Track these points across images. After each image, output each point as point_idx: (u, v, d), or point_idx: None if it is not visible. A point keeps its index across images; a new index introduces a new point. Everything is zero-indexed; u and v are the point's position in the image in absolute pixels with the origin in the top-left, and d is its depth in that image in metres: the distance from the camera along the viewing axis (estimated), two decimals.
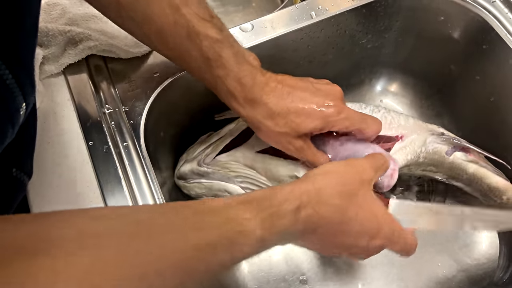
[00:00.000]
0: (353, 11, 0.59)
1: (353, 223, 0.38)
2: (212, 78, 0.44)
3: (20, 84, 0.33)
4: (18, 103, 0.33)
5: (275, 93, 0.44)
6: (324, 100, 0.45)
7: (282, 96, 0.44)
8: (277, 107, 0.44)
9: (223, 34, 0.44)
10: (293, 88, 0.45)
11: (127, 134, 0.49)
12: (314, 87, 0.46)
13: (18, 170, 0.41)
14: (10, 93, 0.32)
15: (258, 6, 0.82)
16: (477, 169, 0.57)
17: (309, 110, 0.44)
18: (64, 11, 0.54)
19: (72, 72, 0.52)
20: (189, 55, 0.44)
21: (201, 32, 0.43)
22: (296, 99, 0.44)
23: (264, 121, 0.44)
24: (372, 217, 0.40)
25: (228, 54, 0.43)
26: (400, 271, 0.60)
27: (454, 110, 0.68)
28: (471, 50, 0.61)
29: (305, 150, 0.46)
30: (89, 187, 0.46)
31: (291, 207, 0.35)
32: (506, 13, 0.57)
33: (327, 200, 0.37)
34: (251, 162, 0.53)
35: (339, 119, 0.45)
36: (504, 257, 0.58)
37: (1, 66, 0.31)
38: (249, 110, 0.45)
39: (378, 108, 0.57)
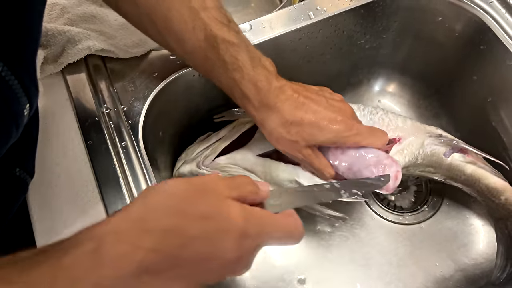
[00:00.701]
0: (351, 12, 0.59)
1: (196, 241, 0.29)
2: (227, 81, 0.45)
3: (23, 85, 0.33)
4: (22, 104, 0.34)
5: (290, 102, 0.45)
6: (337, 116, 0.45)
7: (296, 106, 0.45)
8: (291, 116, 0.44)
9: (240, 38, 0.45)
10: (307, 99, 0.45)
11: (125, 134, 0.50)
12: (328, 102, 0.47)
13: (21, 170, 0.41)
14: (14, 94, 0.33)
15: (257, 6, 0.83)
16: (475, 170, 0.57)
17: (321, 124, 0.45)
18: (63, 11, 0.54)
19: (71, 71, 0.52)
20: (206, 58, 0.45)
21: (218, 36, 0.44)
22: (310, 111, 0.45)
23: (277, 127, 0.45)
24: (221, 225, 0.30)
25: (244, 57, 0.44)
26: (398, 271, 0.60)
27: (452, 111, 0.69)
28: (469, 50, 0.62)
29: (313, 158, 0.47)
30: (87, 186, 0.46)
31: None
32: (504, 13, 0.58)
33: (153, 226, 0.28)
34: (251, 165, 0.53)
35: (350, 134, 0.46)
36: (502, 256, 0.58)
37: (3, 68, 0.31)
38: (263, 114, 0.45)
39: (376, 110, 0.57)
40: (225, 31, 0.44)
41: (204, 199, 0.30)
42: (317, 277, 0.60)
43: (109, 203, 0.45)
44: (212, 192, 0.31)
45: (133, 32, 0.56)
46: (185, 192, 0.31)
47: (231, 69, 0.44)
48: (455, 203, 0.65)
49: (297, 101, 0.45)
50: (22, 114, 0.34)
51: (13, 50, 0.32)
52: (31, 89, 0.34)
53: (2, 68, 0.31)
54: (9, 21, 0.30)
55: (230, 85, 0.45)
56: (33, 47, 0.35)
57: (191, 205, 0.30)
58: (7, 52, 0.31)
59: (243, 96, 0.45)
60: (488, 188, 0.57)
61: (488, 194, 0.58)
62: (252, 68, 0.44)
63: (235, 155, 0.53)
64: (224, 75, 0.45)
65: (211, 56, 0.44)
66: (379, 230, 0.63)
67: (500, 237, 0.60)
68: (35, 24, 0.35)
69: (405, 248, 0.62)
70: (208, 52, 0.44)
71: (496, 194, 0.57)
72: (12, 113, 0.33)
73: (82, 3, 0.55)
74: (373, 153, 0.49)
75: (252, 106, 0.45)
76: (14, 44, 0.32)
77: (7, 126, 0.33)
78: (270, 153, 0.53)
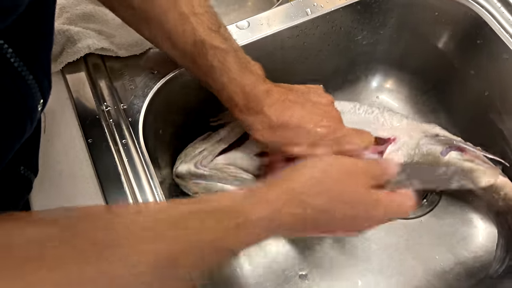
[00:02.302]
0: (348, 8, 0.60)
1: (337, 218, 0.39)
2: (215, 84, 0.46)
3: (38, 81, 0.34)
4: (36, 99, 0.35)
5: (276, 106, 0.46)
6: (322, 119, 0.46)
7: (282, 110, 0.46)
8: (277, 119, 0.45)
9: (228, 43, 0.46)
10: (293, 103, 0.46)
11: (126, 131, 0.50)
12: (314, 106, 0.48)
13: (25, 168, 0.42)
14: (29, 90, 0.33)
15: (254, 4, 0.83)
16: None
17: (307, 127, 0.46)
18: (62, 11, 0.54)
19: (70, 71, 0.53)
20: (195, 61, 0.46)
21: (206, 41, 0.45)
22: (295, 115, 0.46)
23: (263, 130, 0.46)
24: (363, 209, 0.40)
25: (232, 63, 0.45)
26: (399, 265, 0.60)
27: (450, 105, 0.69)
28: (466, 45, 0.62)
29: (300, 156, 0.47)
30: (89, 184, 0.46)
31: (258, 216, 0.35)
32: (499, 7, 0.58)
33: (305, 200, 0.37)
34: (248, 165, 0.53)
35: (334, 137, 0.46)
36: (502, 248, 0.58)
37: (20, 63, 0.32)
38: (250, 118, 0.46)
39: (371, 108, 0.58)
40: (213, 36, 0.45)
41: (353, 187, 0.39)
42: (318, 272, 0.60)
43: (111, 200, 0.46)
44: (359, 179, 0.39)
45: (132, 31, 0.56)
46: (337, 174, 0.39)
47: (218, 74, 0.45)
48: (454, 197, 0.65)
49: (283, 105, 0.46)
50: (36, 110, 0.35)
51: (29, 47, 0.33)
52: (45, 84, 0.35)
53: (19, 64, 0.32)
54: (27, 19, 0.31)
55: (218, 89, 0.47)
56: (48, 44, 0.36)
57: (343, 191, 0.38)
58: (24, 49, 0.32)
59: (230, 100, 0.46)
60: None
61: (488, 190, 0.58)
62: (239, 73, 0.45)
63: (232, 155, 0.54)
64: (211, 79, 0.46)
65: (199, 61, 0.46)
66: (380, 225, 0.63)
67: (500, 231, 0.60)
68: (50, 22, 0.36)
69: (405, 242, 0.62)
70: (196, 57, 0.45)
71: (496, 189, 0.57)
72: (28, 108, 0.34)
73: (80, 3, 0.55)
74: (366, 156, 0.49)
75: (239, 110, 0.46)
76: (31, 41, 0.33)
77: (23, 122, 0.34)
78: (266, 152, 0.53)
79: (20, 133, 0.34)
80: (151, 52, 0.55)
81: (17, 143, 0.35)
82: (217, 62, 0.45)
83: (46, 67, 0.36)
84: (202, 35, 0.45)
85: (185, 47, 0.46)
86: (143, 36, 0.50)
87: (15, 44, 0.31)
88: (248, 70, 0.46)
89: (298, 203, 0.36)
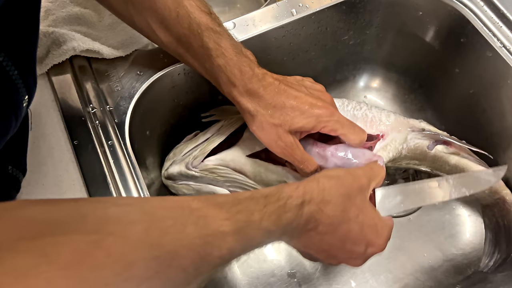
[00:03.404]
0: (333, 8, 0.60)
1: (353, 225, 0.40)
2: (212, 68, 0.47)
3: (23, 76, 0.34)
4: (21, 95, 0.34)
5: (272, 88, 0.46)
6: (317, 101, 0.47)
7: (278, 92, 0.46)
8: (274, 100, 0.46)
9: (222, 28, 0.47)
10: (288, 87, 0.47)
11: (112, 133, 0.50)
12: (308, 90, 0.48)
13: (14, 168, 0.42)
14: (14, 84, 0.33)
15: (243, 7, 0.83)
16: (459, 160, 0.58)
17: (302, 107, 0.46)
18: (48, 13, 0.54)
19: (56, 73, 0.53)
20: (190, 45, 0.46)
21: (202, 23, 0.45)
22: (291, 96, 0.46)
23: (261, 110, 0.46)
24: (372, 224, 0.42)
25: (227, 44, 0.46)
26: (387, 262, 0.61)
27: (437, 104, 0.70)
28: (450, 43, 0.63)
29: (294, 148, 0.47)
30: (75, 185, 0.46)
31: (296, 202, 0.37)
32: (482, 6, 0.59)
33: (330, 199, 0.39)
34: (241, 166, 0.53)
35: (330, 120, 0.47)
36: (490, 243, 0.59)
37: (4, 58, 0.32)
38: (248, 99, 0.46)
39: (360, 105, 0.58)
40: (208, 19, 0.45)
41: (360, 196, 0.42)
42: (308, 271, 0.60)
43: None
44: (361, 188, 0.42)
45: (118, 33, 0.56)
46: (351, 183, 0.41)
47: (215, 56, 0.45)
48: None
49: (279, 87, 0.46)
50: (22, 106, 0.35)
51: (14, 41, 0.33)
52: (30, 81, 0.35)
53: (3, 58, 0.32)
54: (11, 12, 0.31)
55: (214, 72, 0.47)
56: (33, 39, 0.36)
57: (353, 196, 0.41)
58: (8, 42, 0.32)
59: (229, 81, 0.46)
60: None
61: None
62: (235, 55, 0.45)
63: (224, 156, 0.53)
64: (208, 62, 0.46)
65: (194, 44, 0.46)
66: None
67: (487, 224, 0.61)
68: (35, 16, 0.36)
69: (394, 240, 0.62)
70: (191, 39, 0.46)
71: None
72: (12, 103, 0.34)
73: (66, 5, 0.55)
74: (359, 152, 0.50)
75: (238, 91, 0.46)
76: (15, 35, 0.33)
77: (8, 117, 0.34)
78: (259, 153, 0.53)
79: (5, 129, 0.34)
80: (137, 53, 0.56)
81: (3, 140, 0.35)
82: (213, 44, 0.45)
83: (31, 63, 0.36)
84: (197, 17, 0.45)
85: (180, 31, 0.46)
86: (136, 28, 0.50)
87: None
88: (243, 54, 0.46)
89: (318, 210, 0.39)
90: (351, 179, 0.42)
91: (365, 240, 0.41)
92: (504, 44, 0.57)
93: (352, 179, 0.42)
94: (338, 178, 0.41)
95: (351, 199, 0.40)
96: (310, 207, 0.38)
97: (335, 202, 0.39)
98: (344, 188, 0.41)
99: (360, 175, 0.43)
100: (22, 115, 0.36)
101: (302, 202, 0.37)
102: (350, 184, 0.41)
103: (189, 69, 0.56)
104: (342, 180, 0.41)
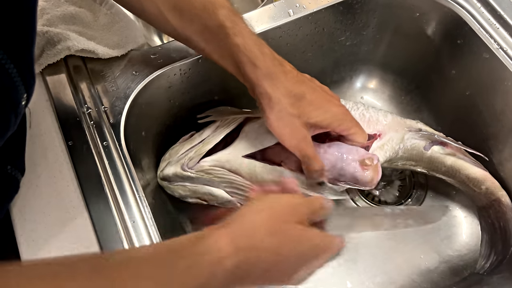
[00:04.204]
0: (330, 9, 0.60)
1: (290, 259, 0.37)
2: (230, 48, 0.44)
3: (21, 74, 0.33)
4: (20, 93, 0.34)
5: (292, 76, 0.45)
6: (332, 98, 0.46)
7: (298, 81, 0.45)
8: (294, 89, 0.44)
9: (235, 8, 0.45)
10: (306, 78, 0.46)
11: (107, 134, 0.49)
12: (321, 88, 0.48)
13: (12, 167, 0.41)
14: (13, 82, 0.33)
15: (239, 7, 0.83)
16: (455, 161, 0.58)
17: (321, 102, 0.45)
18: (42, 12, 0.54)
19: (51, 73, 0.52)
20: (205, 27, 0.44)
21: (217, 2, 0.44)
22: (311, 88, 0.45)
23: (282, 98, 0.44)
24: (310, 247, 0.38)
25: (243, 25, 0.44)
26: (383, 264, 0.61)
27: (433, 105, 0.70)
28: (447, 45, 0.63)
29: (308, 143, 0.46)
30: (69, 186, 0.46)
31: (211, 259, 0.33)
32: (479, 7, 0.59)
33: (257, 244, 0.35)
34: (237, 167, 0.53)
35: (345, 119, 0.47)
36: (486, 245, 0.59)
37: (3, 56, 0.31)
38: (269, 83, 0.44)
39: (357, 105, 0.58)
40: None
41: (293, 225, 0.38)
42: None
43: (91, 202, 0.45)
44: (297, 216, 0.38)
45: (114, 33, 0.56)
46: (281, 214, 0.38)
47: (232, 34, 0.43)
48: (438, 196, 0.66)
49: (297, 77, 0.45)
50: (20, 104, 0.35)
51: (12, 38, 0.32)
52: (29, 78, 0.35)
53: (2, 56, 0.31)
54: (9, 9, 0.31)
55: (232, 53, 0.44)
56: (31, 36, 0.36)
57: (286, 229, 0.37)
58: (6, 40, 0.31)
59: (250, 62, 0.43)
60: (468, 178, 0.58)
61: (469, 184, 0.59)
62: (252, 34, 0.44)
63: (219, 156, 0.53)
64: (225, 42, 0.44)
65: (210, 23, 0.44)
66: None
67: (483, 226, 0.61)
68: (33, 13, 0.35)
69: (390, 242, 0.62)
70: (206, 20, 0.44)
71: (477, 183, 0.58)
72: (11, 101, 0.33)
73: (61, 4, 0.55)
74: (353, 149, 0.50)
75: (260, 72, 0.43)
76: (13, 32, 0.33)
77: (6, 115, 0.33)
78: (254, 154, 0.53)
79: (4, 128, 0.34)
80: (132, 53, 0.55)
81: (1, 138, 0.34)
82: (230, 22, 0.43)
83: (30, 61, 0.36)
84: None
85: (193, 13, 0.44)
86: (144, 16, 0.47)
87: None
88: (257, 35, 0.45)
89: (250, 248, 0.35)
90: (286, 210, 0.38)
91: (305, 263, 0.39)
92: (501, 45, 0.57)
93: (287, 210, 0.39)
94: (270, 209, 0.38)
95: (284, 233, 0.37)
96: (232, 261, 0.34)
97: (264, 247, 0.36)
98: (274, 221, 0.37)
99: (296, 203, 0.40)
100: (21, 113, 0.36)
101: (219, 259, 0.33)
102: (282, 215, 0.38)
103: (186, 69, 0.56)
104: (274, 211, 0.38)
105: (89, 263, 0.30)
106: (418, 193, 0.67)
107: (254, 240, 0.35)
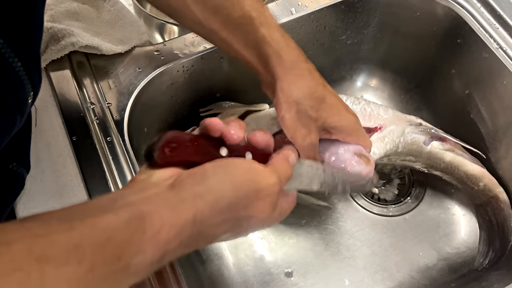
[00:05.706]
0: (332, 7, 0.60)
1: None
2: (255, 39, 0.42)
3: (28, 72, 0.33)
4: (27, 91, 0.34)
5: (316, 76, 0.43)
6: (347, 107, 0.45)
7: (318, 81, 0.43)
8: (318, 90, 0.43)
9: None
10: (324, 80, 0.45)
11: (111, 129, 0.50)
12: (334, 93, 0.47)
13: (18, 165, 0.41)
14: (20, 81, 0.33)
15: None
16: (453, 158, 0.59)
17: (340, 109, 0.44)
18: (46, 8, 0.54)
19: (54, 68, 0.53)
20: (229, 17, 0.42)
21: None
22: (331, 93, 0.44)
23: (304, 99, 0.42)
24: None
25: (270, 15, 0.42)
26: (383, 261, 0.61)
27: (432, 104, 0.70)
28: (447, 44, 0.63)
29: (316, 149, 0.45)
30: (73, 181, 0.46)
31: None
32: (479, 7, 0.60)
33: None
34: None
35: (358, 128, 0.46)
36: (484, 242, 0.59)
37: (11, 54, 0.31)
38: (293, 80, 0.42)
39: (358, 100, 0.59)
40: None
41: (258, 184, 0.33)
42: (304, 270, 0.61)
43: (95, 197, 0.45)
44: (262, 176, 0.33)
45: (117, 29, 0.56)
46: (245, 174, 0.33)
47: (258, 24, 0.42)
48: (437, 195, 0.66)
49: (320, 78, 0.44)
50: (27, 102, 0.35)
51: (20, 38, 0.32)
52: (36, 76, 0.35)
53: (9, 54, 0.31)
54: (17, 9, 0.31)
55: (257, 42, 0.42)
56: (38, 35, 0.36)
57: (251, 184, 0.32)
58: (14, 39, 0.32)
59: (275, 53, 0.41)
60: (467, 175, 0.58)
61: (467, 181, 0.59)
62: (278, 28, 0.42)
63: None
64: (251, 33, 0.42)
65: (234, 14, 0.42)
66: (364, 223, 0.64)
67: (481, 223, 0.61)
68: (40, 11, 0.35)
69: (390, 239, 0.63)
70: (230, 10, 0.42)
71: (475, 180, 0.59)
72: (18, 100, 0.33)
73: (65, 1, 0.55)
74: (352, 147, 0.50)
75: (285, 65, 0.41)
76: (21, 31, 0.33)
77: (13, 114, 0.33)
78: None
79: (10, 126, 0.34)
80: (136, 50, 0.55)
81: (7, 136, 0.35)
82: (255, 12, 0.41)
83: (36, 59, 0.36)
84: None
85: (218, 2, 0.42)
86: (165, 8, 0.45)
87: (5, 34, 0.31)
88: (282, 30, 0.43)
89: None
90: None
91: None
92: (500, 45, 0.57)
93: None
94: None
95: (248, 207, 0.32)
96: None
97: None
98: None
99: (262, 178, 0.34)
100: (27, 111, 0.36)
101: None
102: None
103: (188, 67, 0.56)
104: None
105: None
106: (417, 191, 0.67)
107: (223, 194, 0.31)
